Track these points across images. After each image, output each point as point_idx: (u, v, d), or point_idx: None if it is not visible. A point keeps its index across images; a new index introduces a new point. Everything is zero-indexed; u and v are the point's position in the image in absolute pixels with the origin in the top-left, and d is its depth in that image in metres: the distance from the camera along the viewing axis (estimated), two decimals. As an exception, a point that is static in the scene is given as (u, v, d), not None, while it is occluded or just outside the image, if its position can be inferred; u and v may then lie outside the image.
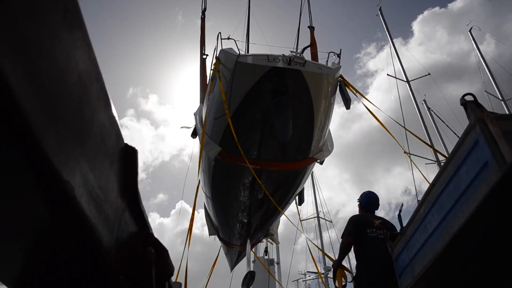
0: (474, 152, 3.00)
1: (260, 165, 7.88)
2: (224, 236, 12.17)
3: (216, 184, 9.44)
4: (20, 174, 0.86)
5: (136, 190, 1.40)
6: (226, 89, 7.37)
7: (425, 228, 3.84)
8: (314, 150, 8.24)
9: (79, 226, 1.06)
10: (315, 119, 7.46)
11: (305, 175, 9.17)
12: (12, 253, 1.23)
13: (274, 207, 9.23)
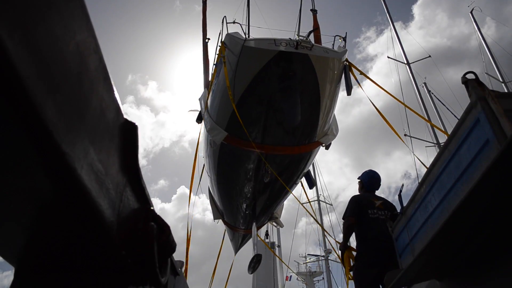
0: (475, 131, 2.99)
1: (266, 149, 7.90)
2: (229, 220, 12.26)
3: (222, 168, 9.48)
4: (20, 144, 0.85)
5: (137, 166, 1.39)
6: (232, 74, 7.36)
7: (425, 208, 3.85)
8: (319, 134, 8.25)
9: (80, 200, 1.06)
10: (321, 103, 7.45)
11: (310, 158, 9.21)
12: (14, 230, 1.23)
13: (279, 190, 9.30)
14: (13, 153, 0.87)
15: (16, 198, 1.06)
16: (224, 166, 9.33)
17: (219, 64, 8.17)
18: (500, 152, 1.51)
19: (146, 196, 1.48)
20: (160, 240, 1.47)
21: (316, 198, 33.56)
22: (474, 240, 1.93)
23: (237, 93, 7.23)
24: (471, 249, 2.01)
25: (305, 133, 8.09)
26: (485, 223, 1.84)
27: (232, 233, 13.66)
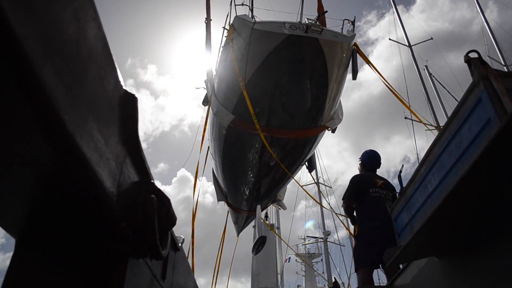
0: (477, 110, 2.97)
1: (272, 132, 7.91)
2: (233, 201, 12.33)
3: (227, 151, 9.50)
4: (19, 109, 0.84)
5: (137, 139, 1.38)
6: (241, 57, 7.33)
7: (425, 188, 3.85)
8: (325, 118, 8.25)
9: (80, 169, 1.05)
10: (329, 87, 7.44)
11: (316, 142, 9.21)
12: (15, 200, 1.23)
13: (284, 173, 9.34)
14: (12, 118, 0.86)
15: (17, 167, 1.06)
16: (229, 148, 9.34)
17: (226, 47, 8.13)
18: (500, 128, 1.50)
19: (146, 169, 1.48)
20: (160, 212, 1.47)
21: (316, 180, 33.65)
22: (474, 218, 1.93)
23: (246, 77, 7.22)
24: (471, 227, 2.01)
25: (312, 117, 8.09)
26: (486, 201, 1.84)
27: (236, 214, 13.75)
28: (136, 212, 1.39)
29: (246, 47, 7.23)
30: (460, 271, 2.20)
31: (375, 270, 5.26)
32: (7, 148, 0.97)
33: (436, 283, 2.47)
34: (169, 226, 1.62)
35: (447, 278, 2.32)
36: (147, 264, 1.60)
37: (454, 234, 2.09)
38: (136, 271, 1.49)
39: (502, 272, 1.84)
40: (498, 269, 1.87)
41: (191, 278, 2.94)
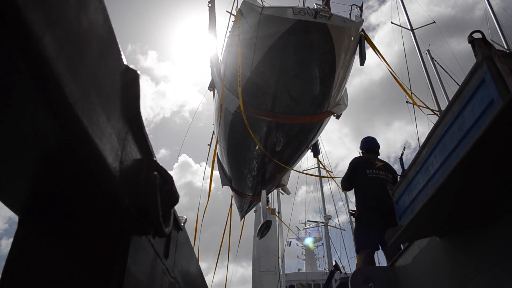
0: (480, 91, 2.95)
1: (279, 118, 7.94)
2: (237, 186, 12.38)
3: (233, 136, 9.53)
4: (20, 80, 0.83)
5: (138, 116, 1.37)
6: (248, 43, 7.33)
7: (427, 170, 3.85)
8: (332, 104, 8.25)
9: (81, 143, 1.05)
10: (336, 73, 7.43)
11: (321, 128, 9.22)
12: (18, 177, 1.22)
13: (289, 158, 9.38)
14: (13, 89, 0.85)
15: (18, 142, 1.05)
16: (236, 134, 9.36)
17: (233, 32, 8.11)
18: (503, 106, 1.49)
19: (148, 146, 1.47)
20: (163, 190, 1.47)
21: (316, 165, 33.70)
22: (476, 197, 1.93)
23: (254, 62, 7.21)
24: (473, 207, 2.01)
25: (318, 103, 8.10)
26: (488, 181, 1.83)
27: (240, 199, 13.83)
28: (139, 189, 1.39)
29: (254, 32, 7.21)
30: (461, 251, 2.20)
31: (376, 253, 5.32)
32: (8, 122, 0.97)
33: (438, 263, 2.48)
34: (172, 204, 1.62)
35: (448, 258, 2.33)
36: (150, 242, 1.61)
37: (456, 214, 2.09)
38: (139, 249, 1.49)
39: (503, 252, 1.84)
40: (499, 249, 1.88)
41: (194, 259, 2.96)
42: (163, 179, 1.49)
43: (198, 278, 3.26)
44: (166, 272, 1.94)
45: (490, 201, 1.93)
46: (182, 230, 2.31)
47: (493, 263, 1.87)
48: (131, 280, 1.40)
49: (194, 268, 2.99)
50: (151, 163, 1.48)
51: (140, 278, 1.51)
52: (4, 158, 1.14)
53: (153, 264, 1.69)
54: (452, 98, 3.44)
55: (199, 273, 3.27)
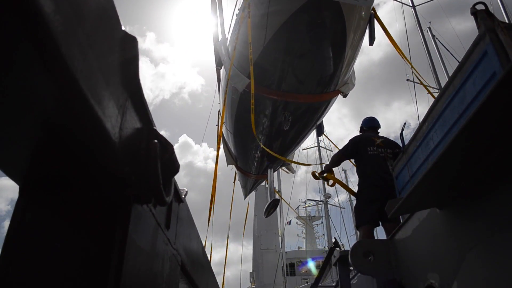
0: (482, 64, 2.93)
1: (288, 97, 7.90)
2: (242, 165, 12.43)
3: (241, 115, 9.50)
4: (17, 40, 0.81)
5: (137, 83, 1.36)
6: (259, 20, 7.26)
7: (427, 145, 3.85)
8: (340, 83, 8.21)
9: (80, 108, 1.04)
10: (346, 52, 7.38)
11: (328, 107, 9.20)
12: (18, 144, 1.22)
13: (295, 137, 9.40)
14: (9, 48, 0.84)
15: (16, 106, 1.04)
16: (243, 113, 9.33)
17: (243, 9, 8.03)
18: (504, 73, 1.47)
19: (148, 114, 1.46)
20: (163, 158, 1.47)
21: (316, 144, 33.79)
22: (477, 167, 1.93)
23: (265, 40, 7.15)
24: (473, 176, 2.01)
25: (327, 82, 8.06)
26: (487, 151, 1.83)
27: (245, 178, 13.90)
28: (139, 157, 1.39)
29: (265, 9, 7.13)
30: (461, 221, 2.22)
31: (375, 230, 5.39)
32: (6, 87, 0.96)
33: (438, 235, 2.50)
34: (173, 173, 1.62)
35: (449, 228, 2.35)
36: (151, 211, 1.61)
37: (457, 184, 2.09)
38: (140, 217, 1.50)
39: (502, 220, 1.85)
40: (498, 218, 1.89)
41: (195, 232, 2.98)
42: (163, 147, 1.48)
43: (200, 252, 3.29)
44: (168, 243, 1.95)
45: (491, 170, 1.93)
46: (183, 202, 2.32)
47: (493, 232, 1.88)
48: (132, 248, 1.41)
49: (196, 242, 3.01)
50: (151, 131, 1.47)
51: (142, 247, 1.52)
52: (2, 126, 1.13)
53: (154, 234, 1.70)
54: (453, 71, 3.41)
55: (200, 247, 3.30)
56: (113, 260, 1.33)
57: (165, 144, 1.49)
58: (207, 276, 3.97)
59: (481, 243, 1.92)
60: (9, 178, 1.42)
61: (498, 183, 1.93)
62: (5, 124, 1.11)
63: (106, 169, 1.30)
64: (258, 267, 30.57)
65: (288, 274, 29.46)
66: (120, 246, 1.35)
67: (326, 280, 18.13)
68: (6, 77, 0.91)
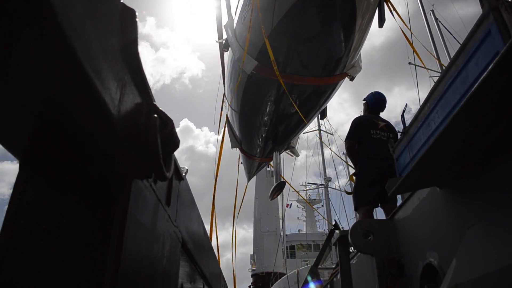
0: (485, 43, 2.90)
1: (295, 79, 7.83)
2: (247, 148, 12.43)
3: (247, 98, 9.46)
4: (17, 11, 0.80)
5: (137, 57, 1.34)
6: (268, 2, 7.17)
7: (428, 126, 3.83)
8: (347, 66, 8.15)
9: (80, 80, 1.03)
10: (355, 34, 7.30)
11: (335, 90, 9.14)
12: (17, 118, 1.21)
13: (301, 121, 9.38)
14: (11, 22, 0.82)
15: (17, 83, 1.03)
16: (250, 95, 9.28)
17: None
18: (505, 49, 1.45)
19: (147, 88, 1.45)
20: (163, 133, 1.46)
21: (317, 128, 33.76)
22: (478, 144, 1.92)
23: (274, 22, 7.08)
24: (474, 154, 2.01)
25: (335, 65, 7.99)
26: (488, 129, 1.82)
27: (249, 161, 13.91)
28: (138, 131, 1.38)
29: None
30: (461, 199, 2.22)
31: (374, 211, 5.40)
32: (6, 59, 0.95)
33: (437, 214, 2.50)
34: (173, 148, 1.61)
35: (448, 207, 2.35)
36: (151, 187, 1.61)
37: (457, 163, 2.09)
38: (141, 193, 1.50)
39: (502, 198, 1.86)
40: (498, 195, 1.89)
41: (196, 211, 2.99)
42: (163, 122, 1.48)
43: (201, 231, 3.31)
44: (169, 220, 1.96)
45: (492, 149, 1.93)
46: (184, 180, 2.32)
47: (492, 209, 1.88)
48: (133, 223, 1.41)
49: (197, 221, 3.02)
50: (150, 106, 1.46)
51: (142, 222, 1.53)
52: (2, 100, 1.12)
53: (155, 210, 1.70)
54: (456, 51, 3.38)
55: (201, 227, 3.32)
56: (114, 235, 1.33)
57: (165, 119, 1.48)
58: (208, 256, 4.00)
59: (480, 221, 1.92)
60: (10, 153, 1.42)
61: (499, 161, 1.93)
62: (5, 98, 1.10)
63: (105, 144, 1.30)
64: (258, 250, 30.90)
65: (288, 257, 29.74)
66: (120, 221, 1.35)
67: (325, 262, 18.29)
68: (6, 48, 0.90)
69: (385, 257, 3.09)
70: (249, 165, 14.46)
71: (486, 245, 1.83)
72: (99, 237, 1.31)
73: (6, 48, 0.90)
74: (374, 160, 5.09)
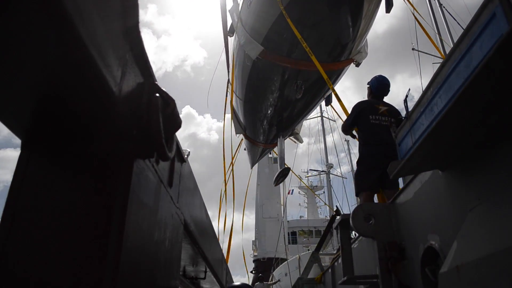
0: (490, 26, 2.86)
1: (302, 65, 7.79)
2: (251, 134, 12.43)
3: (252, 84, 9.43)
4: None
5: (138, 35, 1.33)
6: None
7: (431, 111, 3.81)
8: (353, 52, 8.08)
9: (81, 60, 1.02)
10: (363, 19, 7.22)
11: (341, 75, 9.09)
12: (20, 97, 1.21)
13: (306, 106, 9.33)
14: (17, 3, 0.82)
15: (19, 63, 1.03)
16: (255, 81, 9.26)
17: None
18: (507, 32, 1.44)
19: (149, 68, 1.44)
20: (165, 112, 1.46)
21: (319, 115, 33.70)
22: (481, 126, 1.92)
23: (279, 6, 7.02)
24: (477, 136, 2.00)
25: (341, 50, 7.93)
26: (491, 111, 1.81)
27: (253, 147, 13.93)
28: (140, 110, 1.38)
29: None
30: (463, 182, 2.22)
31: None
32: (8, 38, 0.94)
33: (439, 197, 2.50)
34: (175, 128, 1.61)
35: (450, 190, 2.35)
36: (153, 168, 1.61)
37: (459, 145, 2.08)
38: (143, 172, 1.50)
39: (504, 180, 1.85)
40: (500, 178, 1.89)
41: (198, 194, 3.00)
42: (165, 102, 1.47)
43: (203, 215, 3.33)
44: (171, 201, 1.97)
45: (494, 131, 1.92)
46: (186, 162, 2.32)
47: (494, 192, 1.88)
48: (135, 202, 1.42)
49: (199, 204, 3.04)
50: (152, 85, 1.46)
51: (145, 201, 1.53)
52: (5, 80, 1.12)
53: (157, 190, 1.70)
54: (460, 35, 3.34)
55: (204, 209, 3.33)
56: (116, 213, 1.34)
57: (167, 99, 1.47)
58: (211, 240, 4.02)
59: (482, 203, 1.92)
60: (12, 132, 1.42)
61: (502, 144, 1.92)
62: (6, 76, 1.09)
63: (107, 122, 1.30)
64: (260, 236, 31.10)
65: (290, 242, 29.94)
66: (122, 199, 1.35)
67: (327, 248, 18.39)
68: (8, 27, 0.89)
69: (386, 241, 3.10)
70: (253, 151, 14.48)
71: (487, 227, 1.83)
72: (101, 215, 1.32)
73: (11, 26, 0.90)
74: (373, 146, 5.07)
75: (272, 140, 11.37)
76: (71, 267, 1.25)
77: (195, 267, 3.86)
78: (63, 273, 1.21)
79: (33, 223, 1.35)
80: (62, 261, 1.27)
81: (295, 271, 14.80)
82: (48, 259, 1.28)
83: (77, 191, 1.38)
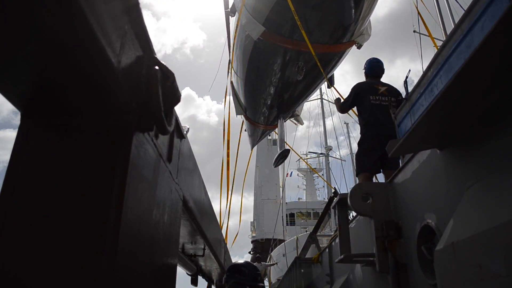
0: (492, 6, 2.84)
1: (304, 47, 7.72)
2: (252, 115, 12.40)
3: (253, 65, 9.37)
4: None
5: (137, 9, 1.32)
6: None
7: (431, 91, 3.80)
8: (356, 34, 8.01)
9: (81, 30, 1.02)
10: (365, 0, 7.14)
11: (343, 57, 9.03)
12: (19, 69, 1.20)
13: (307, 88, 9.29)
14: None
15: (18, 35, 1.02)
16: (256, 62, 9.19)
17: None
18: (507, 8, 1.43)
19: (148, 41, 1.44)
20: (164, 86, 1.46)
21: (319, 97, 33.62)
22: (477, 108, 1.92)
23: None
24: (476, 114, 2.01)
25: (343, 32, 7.86)
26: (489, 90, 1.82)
27: (253, 128, 13.91)
28: (140, 83, 1.38)
29: None
30: (461, 161, 2.23)
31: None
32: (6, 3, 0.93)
33: (437, 176, 2.52)
34: (174, 102, 1.61)
35: (448, 169, 2.37)
36: (152, 141, 1.62)
37: (458, 124, 2.09)
38: (142, 145, 1.50)
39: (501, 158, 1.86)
40: (498, 156, 1.90)
41: (197, 172, 3.01)
42: (165, 75, 1.47)
43: (202, 192, 3.35)
44: (170, 176, 1.98)
45: (492, 110, 1.93)
46: (185, 139, 2.32)
47: (491, 170, 1.89)
48: (134, 175, 1.42)
49: (198, 182, 3.05)
50: (152, 58, 1.45)
51: (144, 174, 1.54)
52: (3, 50, 1.11)
53: (156, 164, 1.71)
54: (462, 15, 3.32)
55: (202, 187, 3.35)
56: (115, 185, 1.34)
57: (167, 72, 1.47)
58: (210, 217, 4.05)
59: (478, 182, 1.94)
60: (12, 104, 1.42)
61: (500, 123, 1.93)
62: (5, 46, 1.09)
63: (106, 94, 1.30)
64: (259, 217, 31.34)
65: (288, 224, 30.21)
66: (121, 172, 1.36)
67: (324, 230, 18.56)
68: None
69: (383, 219, 3.13)
70: (253, 133, 14.47)
71: (484, 204, 1.85)
72: (101, 187, 1.33)
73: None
74: (373, 126, 5.09)
75: (272, 121, 11.35)
76: (70, 238, 1.26)
77: (194, 245, 3.90)
78: (62, 242, 1.23)
79: (33, 196, 1.36)
80: (61, 232, 1.29)
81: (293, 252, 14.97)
82: (49, 229, 1.30)
83: (76, 163, 1.39)
